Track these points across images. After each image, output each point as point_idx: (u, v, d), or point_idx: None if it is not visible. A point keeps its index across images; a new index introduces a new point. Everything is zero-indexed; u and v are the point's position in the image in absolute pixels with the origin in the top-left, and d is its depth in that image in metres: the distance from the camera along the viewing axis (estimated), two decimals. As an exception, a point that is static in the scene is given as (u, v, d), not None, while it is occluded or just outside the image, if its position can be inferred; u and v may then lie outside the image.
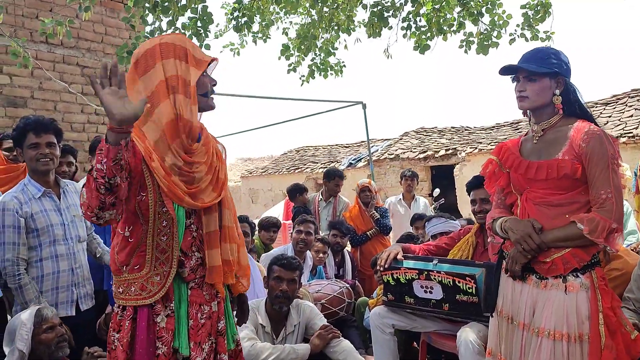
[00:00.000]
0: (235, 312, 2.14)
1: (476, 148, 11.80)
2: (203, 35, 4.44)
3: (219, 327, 1.93)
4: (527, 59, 2.07)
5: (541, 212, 2.01)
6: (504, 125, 13.43)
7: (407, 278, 2.96)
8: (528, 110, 2.12)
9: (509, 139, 12.92)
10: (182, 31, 4.44)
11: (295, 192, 5.78)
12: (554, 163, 1.97)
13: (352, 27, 5.57)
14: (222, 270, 1.89)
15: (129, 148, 1.60)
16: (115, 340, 1.77)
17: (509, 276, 2.09)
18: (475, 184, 3.21)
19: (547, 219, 1.99)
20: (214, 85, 1.91)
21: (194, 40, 4.52)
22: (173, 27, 4.42)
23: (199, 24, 4.37)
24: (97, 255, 3.10)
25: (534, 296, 2.01)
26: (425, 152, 12.83)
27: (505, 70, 2.11)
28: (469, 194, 3.28)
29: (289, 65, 5.90)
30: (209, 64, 1.86)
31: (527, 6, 5.21)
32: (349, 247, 5.24)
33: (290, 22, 5.89)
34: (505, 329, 2.12)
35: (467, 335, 2.72)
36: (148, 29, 4.63)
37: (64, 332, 2.43)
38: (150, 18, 4.46)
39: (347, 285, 4.03)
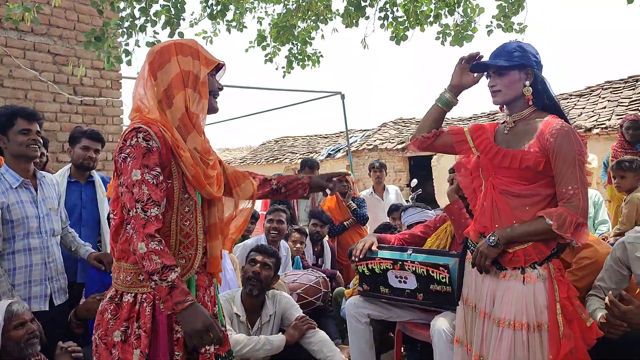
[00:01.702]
0: None
1: (453, 139, 11.88)
2: (176, 23, 4.37)
3: (214, 310, 2.02)
4: (495, 55, 2.12)
5: (504, 200, 2.05)
6: (481, 116, 13.55)
7: (382, 268, 2.97)
8: (504, 105, 2.17)
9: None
10: (154, 19, 4.36)
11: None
12: (519, 154, 2.01)
13: (329, 16, 5.53)
14: (220, 260, 2.01)
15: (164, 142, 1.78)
16: (137, 329, 1.77)
17: (475, 268, 2.14)
18: None
19: (509, 209, 2.04)
20: (220, 89, 2.01)
21: (167, 29, 4.46)
22: (146, 15, 4.34)
23: (172, 11, 4.30)
24: (73, 249, 3.05)
25: (493, 286, 2.07)
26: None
27: (475, 68, 2.17)
28: (450, 173, 3.29)
29: (266, 55, 5.84)
30: (217, 68, 1.99)
31: None
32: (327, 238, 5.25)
33: (266, 12, 5.81)
34: (470, 317, 2.17)
35: (441, 324, 2.75)
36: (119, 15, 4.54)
37: (34, 329, 2.36)
38: (122, 4, 4.37)
39: (324, 275, 4.03)
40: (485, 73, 2.18)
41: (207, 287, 1.97)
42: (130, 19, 4.39)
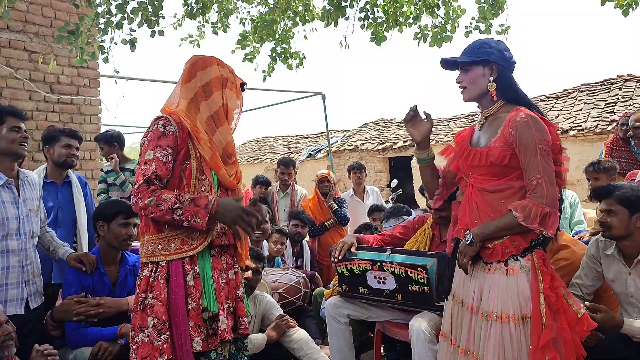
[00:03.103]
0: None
1: (433, 140, 11.98)
2: (154, 21, 4.32)
3: (237, 293, 2.22)
4: (464, 53, 2.15)
5: (481, 197, 2.08)
6: (461, 117, 13.68)
7: (361, 269, 2.98)
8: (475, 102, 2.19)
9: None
10: (132, 16, 4.30)
11: (256, 182, 5.71)
12: (485, 150, 2.04)
13: (308, 16, 5.51)
14: (247, 242, 2.28)
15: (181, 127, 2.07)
16: (151, 299, 2.00)
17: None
18: None
19: (487, 204, 2.05)
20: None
21: (144, 26, 4.40)
22: (122, 12, 4.28)
23: (149, 9, 4.24)
24: (51, 249, 2.99)
25: (481, 280, 2.07)
26: (383, 143, 12.95)
27: (444, 65, 2.19)
28: None
29: (245, 55, 5.82)
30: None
31: (482, 0, 5.28)
32: (307, 238, 5.24)
33: (248, 12, 5.79)
34: (456, 312, 2.17)
35: (419, 324, 2.77)
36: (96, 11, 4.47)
37: (10, 331, 2.32)
38: (97, 0, 4.30)
39: (304, 275, 4.03)
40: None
41: (222, 270, 2.15)
42: (107, 16, 4.32)
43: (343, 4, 5.18)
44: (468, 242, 2.05)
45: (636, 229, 2.49)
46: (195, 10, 5.01)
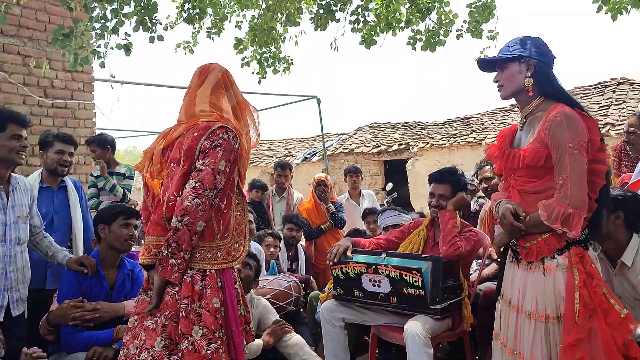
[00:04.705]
0: None
1: (428, 143, 12.03)
2: (149, 24, 4.31)
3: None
4: (500, 51, 2.15)
5: (523, 199, 2.07)
6: (455, 121, 13.73)
7: (356, 272, 2.99)
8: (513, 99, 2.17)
9: (459, 134, 13.04)
10: (125, 20, 4.29)
11: (253, 186, 5.71)
12: (521, 152, 2.03)
13: (298, 19, 5.52)
14: None
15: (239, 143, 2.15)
16: (198, 307, 2.00)
17: (512, 265, 2.15)
18: (437, 177, 3.26)
19: (528, 206, 2.04)
20: None
21: (140, 29, 4.39)
22: (117, 16, 4.27)
23: (144, 13, 4.24)
24: (50, 254, 2.98)
25: (524, 279, 2.06)
26: (378, 146, 12.98)
27: (481, 66, 2.19)
28: (429, 184, 3.31)
29: (242, 59, 5.83)
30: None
31: (473, 6, 5.32)
32: (303, 241, 5.24)
33: (244, 16, 5.79)
34: (504, 312, 2.16)
35: (414, 327, 2.77)
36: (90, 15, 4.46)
37: None
38: (93, 4, 4.29)
39: (296, 279, 3.99)
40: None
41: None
42: (102, 21, 4.31)
43: (333, 8, 5.19)
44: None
45: (615, 229, 2.50)
46: (192, 15, 5.01)
